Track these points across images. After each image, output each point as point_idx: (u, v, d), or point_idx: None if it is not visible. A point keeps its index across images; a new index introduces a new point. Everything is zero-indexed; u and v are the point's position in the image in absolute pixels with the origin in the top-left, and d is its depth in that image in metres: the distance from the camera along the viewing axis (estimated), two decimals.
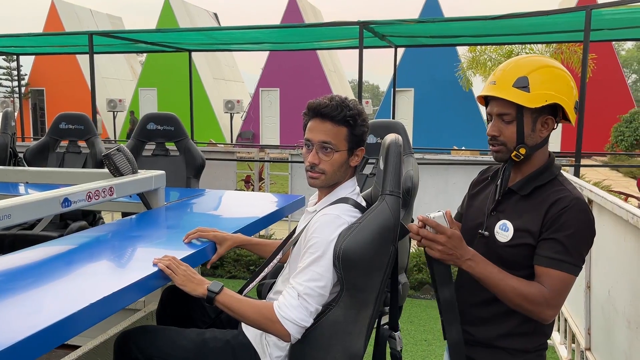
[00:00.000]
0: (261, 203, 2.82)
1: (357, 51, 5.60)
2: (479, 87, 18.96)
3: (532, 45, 9.06)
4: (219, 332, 1.73)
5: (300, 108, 1.75)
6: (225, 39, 7.09)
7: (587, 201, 1.46)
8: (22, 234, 3.38)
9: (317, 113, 1.64)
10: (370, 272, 1.59)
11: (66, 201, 1.94)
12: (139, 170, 2.47)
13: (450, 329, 1.53)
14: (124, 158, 2.40)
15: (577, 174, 4.86)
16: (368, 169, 3.19)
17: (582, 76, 4.71)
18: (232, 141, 18.08)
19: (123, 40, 6.96)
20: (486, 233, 1.55)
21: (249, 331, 1.72)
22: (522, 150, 1.50)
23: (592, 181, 9.59)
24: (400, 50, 18.95)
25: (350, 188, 1.71)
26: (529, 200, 1.50)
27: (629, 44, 48.77)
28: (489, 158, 6.67)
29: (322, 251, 1.55)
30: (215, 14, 24.91)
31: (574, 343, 2.92)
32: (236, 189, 6.30)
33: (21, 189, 2.88)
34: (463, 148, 13.41)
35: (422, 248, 1.54)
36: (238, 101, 17.67)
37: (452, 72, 16.04)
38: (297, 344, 1.57)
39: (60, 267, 1.70)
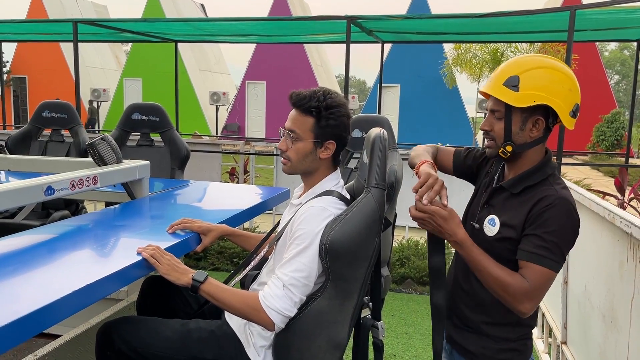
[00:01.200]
0: (246, 195, 2.83)
1: (344, 46, 5.61)
2: (464, 84, 19.11)
3: (517, 44, 9.13)
4: (203, 323, 1.73)
5: (286, 102, 1.78)
6: (212, 30, 7.04)
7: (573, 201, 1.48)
8: (3, 223, 3.34)
9: (291, 101, 1.70)
10: (356, 263, 1.61)
11: (49, 189, 1.92)
12: (123, 160, 2.46)
13: (436, 293, 1.56)
14: (109, 147, 2.38)
15: (559, 171, 4.94)
16: (353, 163, 3.21)
17: None
18: (217, 133, 17.99)
19: (108, 29, 6.88)
20: (477, 225, 1.59)
21: (233, 321, 1.73)
22: (509, 148, 1.51)
23: (572, 179, 9.76)
24: (387, 46, 18.99)
25: (334, 181, 1.73)
26: (517, 197, 1.53)
27: (612, 45, 49.48)
28: None
29: (308, 242, 1.56)
30: (202, 5, 24.70)
31: (550, 337, 2.98)
32: (221, 181, 6.29)
33: (2, 176, 2.85)
34: (447, 145, 13.51)
35: (409, 240, 1.57)
36: (224, 93, 17.57)
37: (439, 69, 16.11)
38: (281, 333, 1.59)
39: (42, 255, 1.69)
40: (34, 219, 3.54)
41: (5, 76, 21.80)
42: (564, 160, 5.11)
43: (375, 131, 1.72)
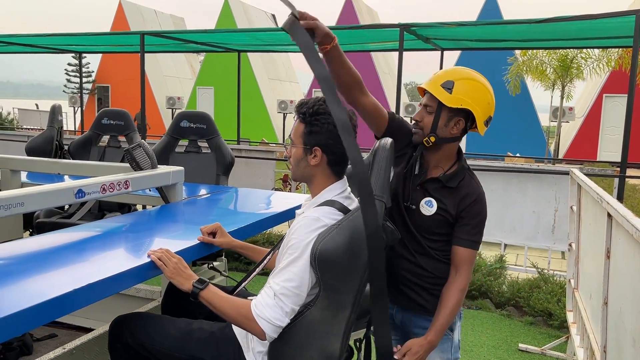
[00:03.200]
0: (276, 203, 2.88)
1: (412, 54, 5.60)
2: (537, 92, 18.24)
3: (587, 50, 8.67)
4: (207, 324, 1.78)
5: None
6: (271, 40, 7.22)
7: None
8: (61, 222, 3.59)
9: None
10: (348, 273, 1.60)
11: (80, 192, 2.06)
12: (159, 166, 2.58)
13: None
14: (144, 153, 2.51)
15: (621, 185, 4.64)
16: None
17: (631, 82, 4.49)
18: (283, 141, 18.33)
19: (174, 40, 7.23)
20: (413, 206, 1.88)
21: None
22: (432, 139, 1.82)
23: None
24: (456, 54, 18.55)
25: (336, 191, 1.71)
26: (449, 188, 1.85)
27: None
28: (537, 166, 6.47)
29: (299, 252, 1.57)
30: (273, 15, 25.31)
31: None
32: (274, 188, 6.41)
33: (66, 178, 3.08)
34: (517, 155, 12.98)
35: None
36: (291, 101, 17.87)
37: (502, 76, 15.53)
38: (275, 341, 1.61)
39: (69, 253, 1.81)
40: (89, 219, 3.77)
41: (91, 85, 23.40)
42: (631, 172, 4.80)
43: (380, 141, 1.71)
